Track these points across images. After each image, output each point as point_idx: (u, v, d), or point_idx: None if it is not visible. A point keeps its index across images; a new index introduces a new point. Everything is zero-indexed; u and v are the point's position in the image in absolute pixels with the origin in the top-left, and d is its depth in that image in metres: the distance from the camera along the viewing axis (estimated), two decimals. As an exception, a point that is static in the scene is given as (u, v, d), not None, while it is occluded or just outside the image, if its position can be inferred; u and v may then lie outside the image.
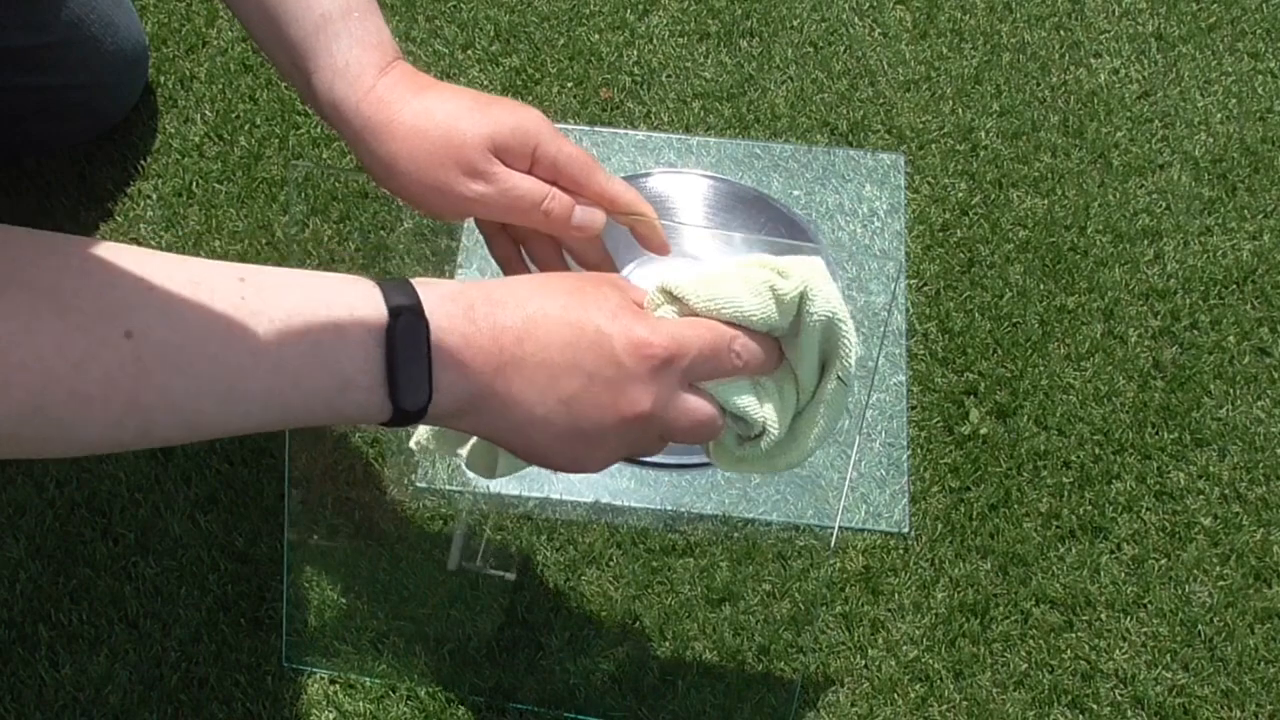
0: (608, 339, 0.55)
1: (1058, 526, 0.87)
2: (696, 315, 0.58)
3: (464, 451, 0.65)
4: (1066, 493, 0.88)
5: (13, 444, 0.46)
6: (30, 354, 0.45)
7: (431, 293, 0.53)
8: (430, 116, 0.61)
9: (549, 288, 0.57)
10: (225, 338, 0.48)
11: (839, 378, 0.60)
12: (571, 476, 0.88)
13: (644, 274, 0.67)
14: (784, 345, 0.60)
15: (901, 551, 0.86)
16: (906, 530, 0.87)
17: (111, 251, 0.48)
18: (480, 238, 0.69)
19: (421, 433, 0.66)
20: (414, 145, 0.61)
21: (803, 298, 0.58)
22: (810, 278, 0.58)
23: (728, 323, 0.58)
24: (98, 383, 0.46)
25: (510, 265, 0.70)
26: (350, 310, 0.51)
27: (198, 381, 0.48)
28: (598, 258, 0.68)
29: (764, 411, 0.59)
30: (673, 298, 0.58)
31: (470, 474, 0.66)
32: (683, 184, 1.02)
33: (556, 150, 0.63)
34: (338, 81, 0.62)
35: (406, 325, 0.51)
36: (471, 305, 0.54)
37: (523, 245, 0.69)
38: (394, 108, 0.61)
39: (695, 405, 0.57)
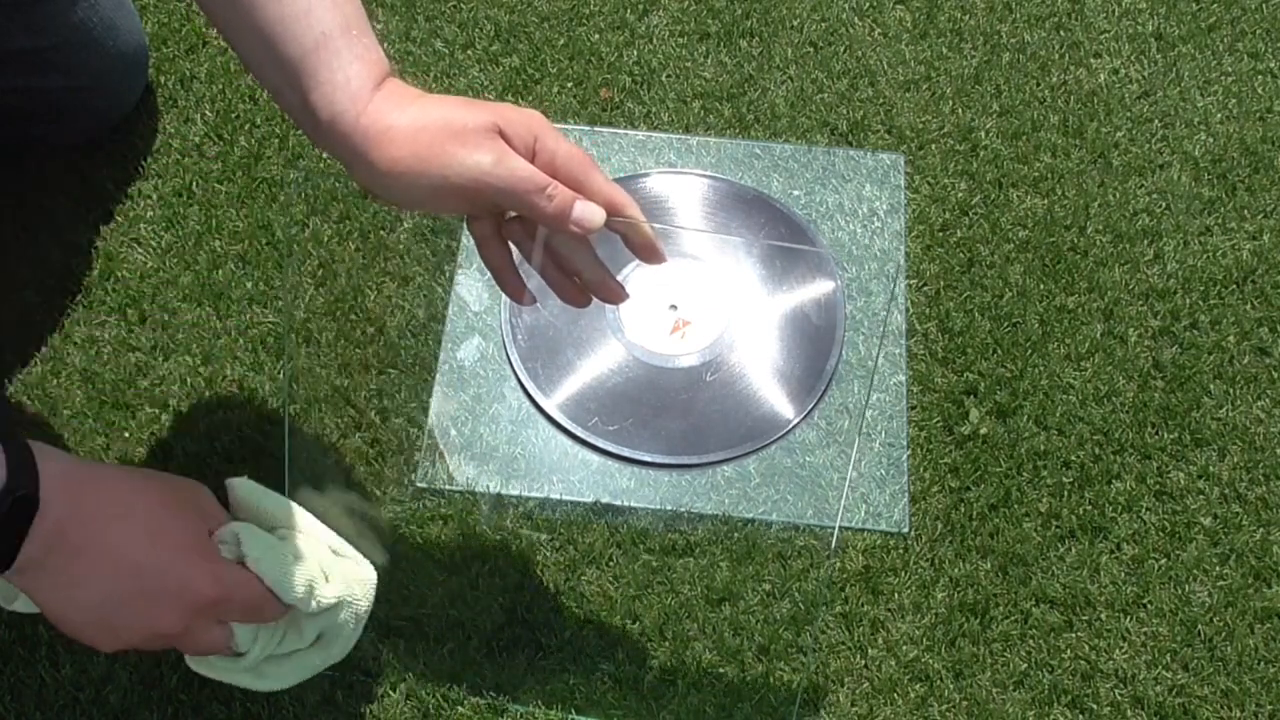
0: (168, 577, 0.62)
1: (1058, 526, 0.87)
2: (247, 567, 0.66)
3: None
4: (1066, 493, 0.88)
5: None
6: None
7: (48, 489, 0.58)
8: (429, 114, 0.62)
9: (134, 513, 0.63)
10: None
11: (321, 656, 0.71)
12: (571, 476, 0.88)
13: (640, 276, 0.67)
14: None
15: (901, 551, 0.86)
16: (906, 530, 0.87)
17: None
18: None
19: None
20: (414, 143, 0.61)
21: (337, 604, 0.69)
22: (352, 593, 0.70)
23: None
24: None
25: (502, 274, 0.69)
26: None
27: None
28: (589, 260, 0.67)
29: (255, 645, 0.68)
30: (238, 544, 0.66)
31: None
32: (682, 184, 1.02)
33: (556, 145, 0.63)
34: (338, 96, 0.62)
35: (15, 508, 0.56)
36: (63, 532, 0.59)
37: (518, 246, 0.68)
38: (391, 116, 0.61)
39: (211, 638, 0.65)
